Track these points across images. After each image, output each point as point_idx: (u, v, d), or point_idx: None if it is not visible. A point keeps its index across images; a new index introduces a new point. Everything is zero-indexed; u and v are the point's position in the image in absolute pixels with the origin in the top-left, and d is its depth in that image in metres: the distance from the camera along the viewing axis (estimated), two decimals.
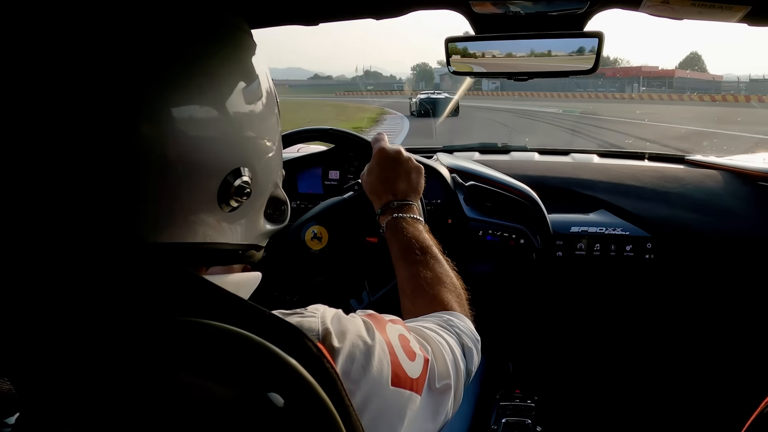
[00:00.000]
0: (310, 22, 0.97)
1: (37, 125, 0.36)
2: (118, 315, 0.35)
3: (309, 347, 0.38)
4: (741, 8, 0.74)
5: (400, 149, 0.91)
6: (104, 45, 0.38)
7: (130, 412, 0.34)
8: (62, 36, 0.37)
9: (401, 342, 0.51)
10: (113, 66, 0.38)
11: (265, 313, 0.38)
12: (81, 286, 0.35)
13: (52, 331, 0.35)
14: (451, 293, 0.72)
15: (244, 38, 0.48)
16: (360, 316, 0.51)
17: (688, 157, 1.71)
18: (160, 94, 0.39)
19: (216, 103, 0.43)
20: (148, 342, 0.34)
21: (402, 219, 0.82)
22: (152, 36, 0.40)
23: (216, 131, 0.43)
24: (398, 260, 0.78)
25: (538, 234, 1.32)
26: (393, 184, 0.87)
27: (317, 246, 1.04)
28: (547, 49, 1.01)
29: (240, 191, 0.45)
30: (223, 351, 0.35)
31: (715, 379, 1.55)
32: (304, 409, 0.36)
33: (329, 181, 1.44)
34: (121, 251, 0.36)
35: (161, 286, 0.36)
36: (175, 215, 0.42)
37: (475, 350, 0.65)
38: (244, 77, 0.46)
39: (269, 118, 0.49)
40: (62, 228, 0.37)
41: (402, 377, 0.48)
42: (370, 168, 0.91)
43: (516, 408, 1.39)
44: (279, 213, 0.54)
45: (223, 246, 0.47)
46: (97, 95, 0.37)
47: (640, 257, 1.32)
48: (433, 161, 1.47)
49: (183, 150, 0.40)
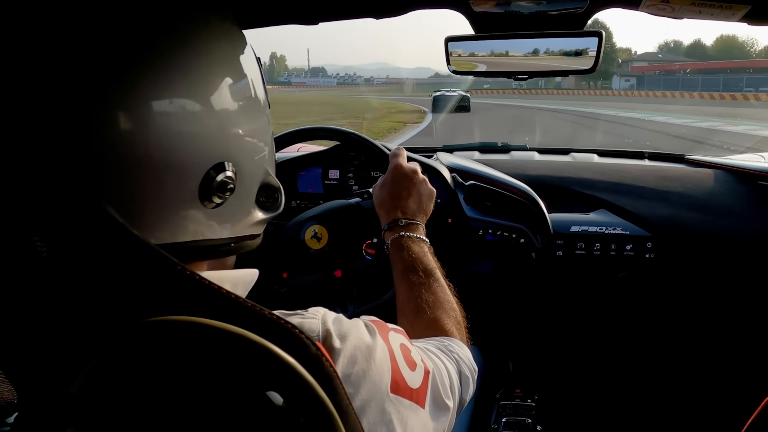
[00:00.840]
0: (311, 21, 0.97)
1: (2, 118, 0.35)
2: (114, 316, 0.35)
3: (308, 346, 0.38)
4: (741, 7, 0.74)
5: (417, 169, 0.89)
6: (75, 35, 0.37)
7: (130, 412, 0.35)
8: (30, 24, 0.36)
9: (402, 351, 0.50)
10: (83, 56, 0.36)
11: (264, 312, 0.38)
12: (74, 285, 0.35)
13: (49, 332, 0.35)
14: (451, 319, 0.71)
15: (227, 33, 0.46)
16: (363, 319, 0.51)
17: (688, 156, 1.71)
18: (135, 86, 0.38)
19: (195, 96, 0.41)
20: (146, 342, 0.34)
21: (408, 238, 0.80)
22: (127, 27, 0.39)
23: (195, 126, 0.41)
24: (400, 279, 0.76)
25: (538, 233, 1.32)
26: (404, 202, 0.85)
27: (316, 245, 1.04)
28: (547, 48, 1.01)
29: (223, 187, 0.44)
30: (222, 350, 0.35)
31: (716, 379, 1.55)
32: (303, 408, 0.36)
33: (329, 181, 1.44)
34: (114, 251, 0.36)
35: (157, 285, 0.36)
36: (159, 213, 0.41)
37: (472, 380, 0.64)
38: (227, 71, 0.45)
39: (254, 110, 0.48)
40: (51, 225, 0.36)
41: (402, 385, 0.48)
42: (383, 182, 0.89)
43: (516, 407, 1.39)
44: (272, 201, 0.52)
45: (212, 242, 0.46)
46: (65, 86, 0.36)
47: (641, 257, 1.32)
48: (433, 161, 1.47)
49: (159, 146, 0.39)
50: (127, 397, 0.34)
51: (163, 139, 0.39)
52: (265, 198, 0.51)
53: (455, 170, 1.46)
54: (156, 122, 0.39)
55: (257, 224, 0.52)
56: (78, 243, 0.35)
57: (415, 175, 0.88)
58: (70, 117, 0.36)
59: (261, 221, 0.52)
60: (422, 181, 0.89)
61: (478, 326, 0.72)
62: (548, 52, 1.01)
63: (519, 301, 1.55)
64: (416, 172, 0.89)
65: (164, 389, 0.34)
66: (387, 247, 0.82)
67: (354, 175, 1.44)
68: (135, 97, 0.38)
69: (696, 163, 1.64)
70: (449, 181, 1.39)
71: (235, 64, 0.46)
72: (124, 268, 0.36)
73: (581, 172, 1.52)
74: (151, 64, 0.39)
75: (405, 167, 0.88)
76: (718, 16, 0.77)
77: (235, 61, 0.46)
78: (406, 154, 0.93)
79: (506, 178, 1.40)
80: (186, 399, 0.34)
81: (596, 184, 1.46)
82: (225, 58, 0.45)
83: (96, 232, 0.36)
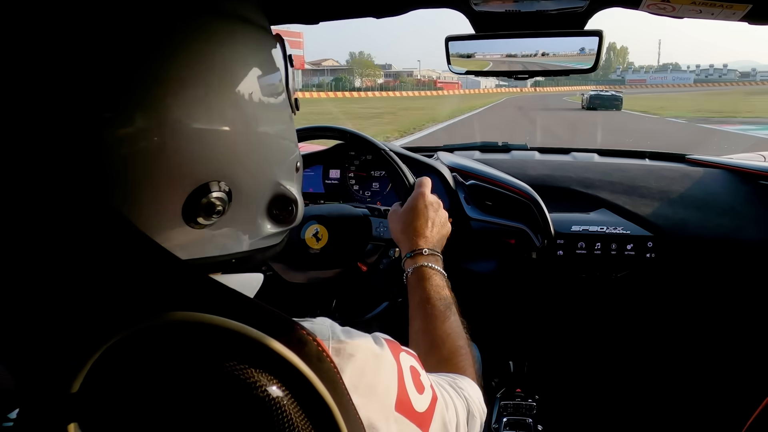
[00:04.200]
0: (311, 21, 0.97)
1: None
2: (120, 310, 0.35)
3: (309, 341, 0.38)
4: (742, 7, 0.74)
5: (440, 202, 0.91)
6: (56, 46, 0.36)
7: (132, 407, 0.35)
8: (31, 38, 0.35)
9: (412, 373, 0.49)
10: (62, 68, 0.36)
11: (269, 310, 0.38)
12: (79, 279, 0.35)
13: (52, 326, 0.35)
14: (464, 357, 0.70)
15: (217, 39, 0.43)
16: (376, 334, 0.50)
17: (688, 156, 1.71)
18: (123, 97, 0.37)
19: (183, 110, 0.39)
20: (148, 336, 0.34)
21: (431, 268, 0.80)
22: (107, 35, 0.37)
23: (176, 142, 0.39)
24: (417, 310, 0.75)
25: (539, 233, 1.32)
26: (429, 232, 0.86)
27: (316, 245, 1.04)
28: (547, 48, 1.01)
29: (210, 208, 0.41)
30: (223, 345, 0.35)
31: (716, 378, 1.55)
32: (302, 404, 0.36)
33: (330, 180, 1.44)
34: (121, 248, 0.36)
35: (163, 282, 0.36)
36: (152, 231, 0.39)
37: (480, 421, 0.63)
38: (229, 80, 0.42)
39: (266, 119, 0.46)
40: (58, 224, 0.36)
41: (407, 406, 0.47)
42: (407, 209, 0.89)
43: (517, 407, 1.39)
44: (287, 213, 0.50)
45: (213, 260, 0.44)
46: (47, 96, 0.35)
47: (641, 256, 1.32)
48: (434, 160, 1.47)
49: (139, 164, 0.37)
50: (129, 391, 0.35)
51: (139, 158, 0.38)
52: (278, 210, 0.49)
53: (456, 170, 1.46)
54: (138, 137, 0.37)
55: (271, 237, 0.50)
56: (92, 244, 0.36)
57: (441, 208, 0.90)
58: (56, 125, 0.36)
59: (272, 235, 0.50)
60: (446, 216, 0.90)
61: (478, 326, 0.72)
62: (549, 51, 1.01)
63: (520, 301, 1.55)
64: (441, 205, 0.90)
65: (165, 383, 0.34)
66: (407, 275, 0.81)
67: (355, 175, 1.44)
68: (120, 108, 0.37)
69: (697, 163, 1.63)
70: (450, 181, 1.39)
71: (231, 71, 0.43)
72: (133, 267, 0.36)
73: (582, 171, 1.52)
74: (140, 83, 0.37)
75: (432, 199, 0.90)
76: (719, 16, 0.77)
77: (228, 66, 0.43)
78: (429, 185, 0.92)
79: (507, 178, 1.40)
80: (186, 393, 0.34)
81: (597, 184, 1.45)
82: (216, 66, 0.42)
83: (108, 234, 0.36)
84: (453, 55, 1.05)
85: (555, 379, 1.62)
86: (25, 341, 0.36)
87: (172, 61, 0.39)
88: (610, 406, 1.58)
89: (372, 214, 1.07)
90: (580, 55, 0.99)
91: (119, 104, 0.37)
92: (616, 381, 1.63)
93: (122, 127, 0.37)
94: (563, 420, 1.47)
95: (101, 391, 0.34)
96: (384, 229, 1.04)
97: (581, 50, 0.99)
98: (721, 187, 1.47)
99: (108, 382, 0.34)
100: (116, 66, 0.37)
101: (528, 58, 1.03)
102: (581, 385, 1.63)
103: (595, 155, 1.75)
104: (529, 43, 1.01)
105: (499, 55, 1.04)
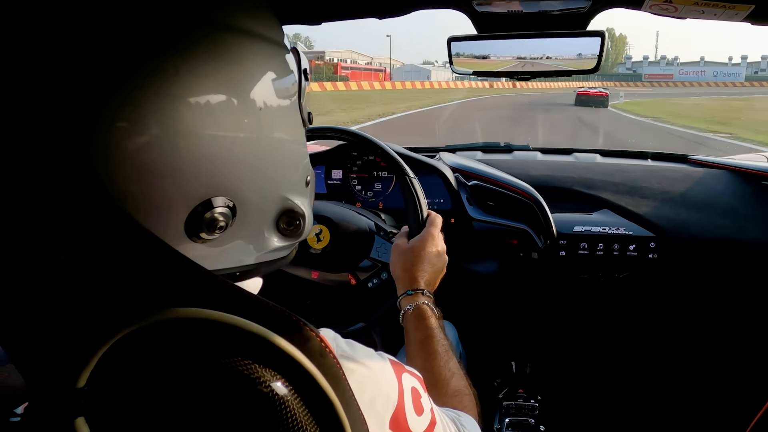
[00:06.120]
0: (313, 21, 0.97)
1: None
2: (125, 306, 0.35)
3: (312, 337, 0.38)
4: (744, 7, 0.74)
5: (445, 247, 0.91)
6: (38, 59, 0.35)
7: (138, 402, 0.35)
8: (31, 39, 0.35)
9: (413, 394, 0.49)
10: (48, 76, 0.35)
11: (272, 306, 0.38)
12: (85, 275, 0.36)
13: (59, 322, 0.36)
14: (468, 399, 0.70)
15: (227, 55, 0.41)
16: (381, 353, 0.50)
17: (690, 156, 1.70)
18: (112, 108, 0.36)
19: (190, 126, 0.38)
20: (153, 332, 0.35)
21: (430, 308, 0.81)
22: (94, 47, 0.36)
23: (179, 157, 0.38)
24: (417, 349, 0.76)
25: (541, 233, 1.32)
26: (429, 277, 0.86)
27: (317, 245, 1.04)
28: (549, 49, 1.01)
29: (212, 224, 0.41)
30: (228, 341, 0.35)
31: (720, 379, 1.55)
32: (305, 399, 0.36)
33: (332, 181, 1.45)
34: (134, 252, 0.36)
35: (168, 278, 0.37)
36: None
37: None
38: (228, 90, 0.41)
39: (275, 133, 0.45)
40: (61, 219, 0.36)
41: (402, 425, 0.47)
42: (415, 249, 0.88)
43: (519, 407, 1.39)
44: (294, 228, 0.49)
45: (216, 272, 0.43)
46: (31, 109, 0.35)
47: (644, 257, 1.32)
48: (436, 161, 1.47)
49: (135, 180, 0.37)
50: (133, 386, 0.35)
51: (137, 174, 0.37)
52: (286, 224, 0.48)
53: (458, 170, 1.46)
54: (130, 152, 0.36)
55: (278, 250, 0.49)
56: (97, 241, 0.36)
57: (443, 254, 0.90)
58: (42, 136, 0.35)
59: (279, 249, 0.49)
60: (445, 262, 0.91)
61: (480, 326, 0.72)
62: (552, 54, 1.01)
63: (522, 302, 1.55)
64: (445, 250, 0.91)
65: (168, 379, 0.35)
66: (403, 313, 0.81)
67: (357, 176, 1.44)
68: (107, 123, 0.36)
69: (699, 164, 1.63)
70: (452, 181, 1.39)
71: (229, 80, 0.41)
72: (138, 263, 0.36)
73: (584, 172, 1.52)
74: (128, 95, 0.36)
75: (440, 247, 0.90)
76: (721, 16, 0.77)
77: (224, 75, 0.41)
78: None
79: (509, 178, 1.40)
80: (189, 389, 0.35)
81: (599, 185, 1.45)
82: (238, 88, 0.41)
83: (113, 231, 0.36)
84: (455, 56, 1.05)
85: (557, 380, 1.62)
86: (33, 337, 0.36)
87: (182, 78, 0.38)
88: (612, 407, 1.57)
89: (377, 231, 1.06)
90: (583, 55, 0.99)
91: (125, 114, 0.36)
92: (619, 382, 1.62)
93: (129, 136, 0.37)
94: (565, 421, 1.47)
95: (108, 385, 0.34)
96: (384, 252, 1.04)
97: (579, 55, 0.99)
98: (724, 187, 1.47)
99: (114, 377, 0.34)
100: (120, 77, 0.36)
101: (531, 60, 1.03)
102: (583, 386, 1.63)
103: (597, 156, 1.75)
104: (531, 44, 1.01)
105: (500, 56, 1.05)
